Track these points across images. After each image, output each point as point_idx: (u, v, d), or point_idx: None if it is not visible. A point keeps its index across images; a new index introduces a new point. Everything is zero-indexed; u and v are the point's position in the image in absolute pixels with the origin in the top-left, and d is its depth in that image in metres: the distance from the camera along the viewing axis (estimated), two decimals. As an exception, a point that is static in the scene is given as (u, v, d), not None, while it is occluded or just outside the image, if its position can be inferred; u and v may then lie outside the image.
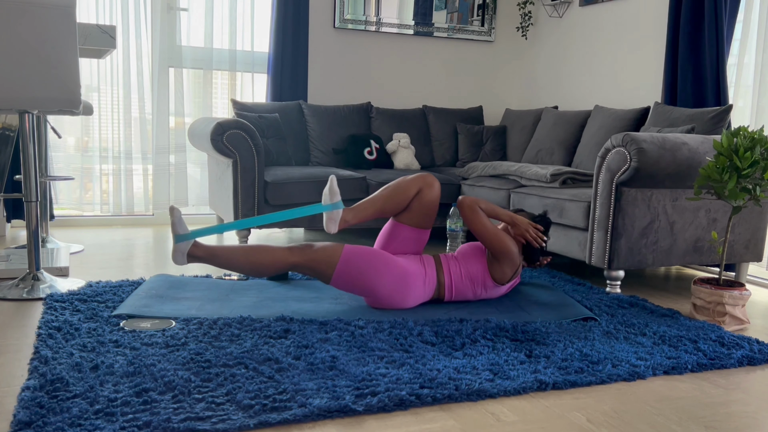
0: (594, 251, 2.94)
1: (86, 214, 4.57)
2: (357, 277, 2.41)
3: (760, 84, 3.42)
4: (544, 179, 3.38)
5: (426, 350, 2.06)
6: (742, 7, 3.44)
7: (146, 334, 2.13)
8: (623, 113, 3.72)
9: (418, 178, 2.57)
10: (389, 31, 4.77)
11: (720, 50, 3.38)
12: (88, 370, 1.81)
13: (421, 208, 2.56)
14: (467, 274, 2.57)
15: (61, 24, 2.47)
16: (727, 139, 2.47)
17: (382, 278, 2.43)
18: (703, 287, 2.58)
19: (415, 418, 1.65)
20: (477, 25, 4.98)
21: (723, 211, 3.02)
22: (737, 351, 2.18)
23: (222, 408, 1.61)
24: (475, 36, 4.99)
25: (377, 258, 2.43)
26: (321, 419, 1.60)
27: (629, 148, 2.78)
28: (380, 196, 2.56)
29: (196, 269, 3.21)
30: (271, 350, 1.99)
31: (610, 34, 4.26)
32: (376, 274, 2.42)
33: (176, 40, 4.41)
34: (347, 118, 4.43)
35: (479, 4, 4.96)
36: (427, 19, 4.85)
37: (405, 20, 4.79)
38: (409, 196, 2.54)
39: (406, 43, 4.85)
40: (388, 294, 2.45)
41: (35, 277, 2.70)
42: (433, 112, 4.71)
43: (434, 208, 2.59)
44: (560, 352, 2.09)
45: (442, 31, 4.90)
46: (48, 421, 1.50)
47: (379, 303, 2.49)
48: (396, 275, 2.45)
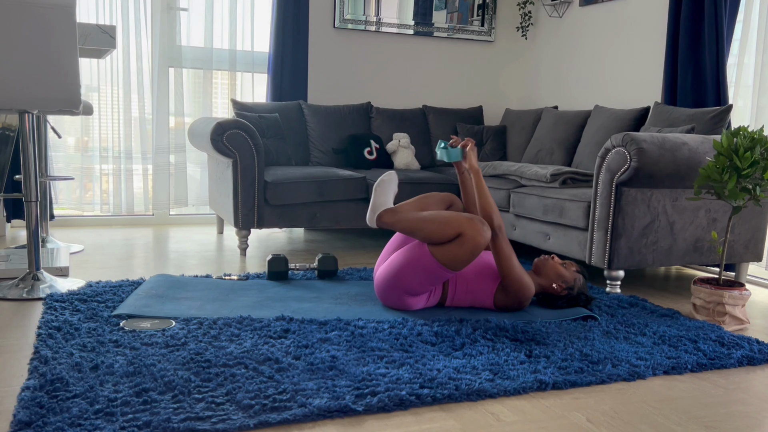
0: (594, 251, 2.94)
1: (86, 214, 4.57)
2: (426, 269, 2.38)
3: (760, 84, 3.42)
4: (544, 179, 3.38)
5: (426, 350, 2.06)
6: (742, 7, 3.44)
7: (146, 334, 2.13)
8: (623, 113, 3.72)
9: (468, 222, 2.32)
10: (389, 31, 4.77)
11: (720, 50, 3.38)
12: (88, 370, 1.81)
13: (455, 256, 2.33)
14: (473, 289, 2.54)
15: (62, 24, 2.47)
16: (727, 139, 2.47)
17: (416, 289, 2.44)
18: (703, 287, 2.58)
19: (415, 418, 1.65)
20: (477, 25, 4.98)
21: (723, 211, 3.02)
22: (737, 351, 2.18)
23: (222, 408, 1.61)
24: (475, 36, 4.99)
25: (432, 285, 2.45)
26: (321, 419, 1.60)
27: (629, 148, 2.78)
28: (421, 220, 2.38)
29: (196, 269, 3.21)
30: (270, 350, 1.99)
31: (610, 34, 4.26)
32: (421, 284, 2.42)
33: (176, 39, 4.41)
34: (347, 118, 4.43)
35: (479, 4, 4.96)
36: (427, 19, 4.85)
37: (405, 20, 4.79)
38: (449, 235, 2.33)
39: (406, 43, 4.85)
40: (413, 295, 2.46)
41: (35, 277, 2.70)
42: (433, 112, 4.71)
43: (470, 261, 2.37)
44: (560, 352, 2.09)
45: (442, 31, 4.90)
46: (48, 421, 1.50)
47: (394, 293, 2.47)
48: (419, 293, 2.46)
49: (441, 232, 2.33)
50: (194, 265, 3.31)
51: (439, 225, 2.34)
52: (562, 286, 2.56)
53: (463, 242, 2.31)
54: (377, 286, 2.53)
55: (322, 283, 2.92)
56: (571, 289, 2.56)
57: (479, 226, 2.33)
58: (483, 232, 2.32)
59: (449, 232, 2.32)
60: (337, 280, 3.02)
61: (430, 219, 2.37)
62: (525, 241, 3.47)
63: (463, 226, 2.32)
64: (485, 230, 2.33)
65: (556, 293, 2.56)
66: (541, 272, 2.60)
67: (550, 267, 2.59)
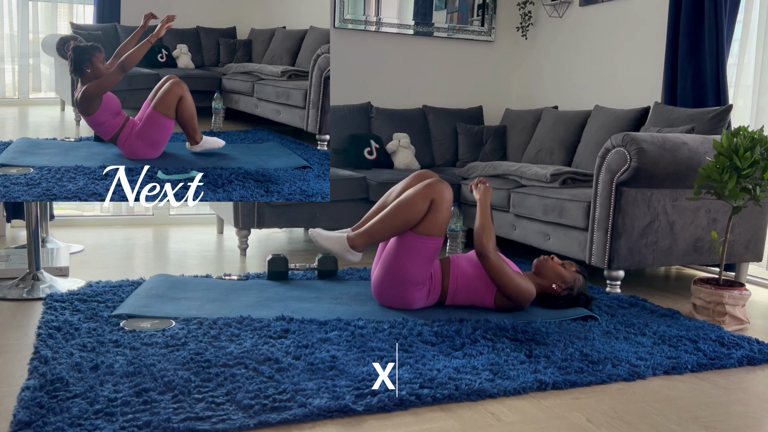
0: (594, 251, 2.94)
1: (86, 214, 4.57)
2: (415, 256, 2.40)
3: (760, 84, 3.42)
4: (544, 179, 3.38)
5: (426, 350, 2.06)
6: (742, 7, 3.43)
7: (146, 334, 2.13)
8: (623, 113, 3.72)
9: (428, 189, 2.37)
10: (389, 31, 4.77)
11: (720, 50, 3.38)
12: (88, 370, 1.81)
13: (436, 222, 2.39)
14: (473, 288, 2.54)
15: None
16: (727, 139, 2.47)
17: (413, 279, 2.44)
18: (703, 287, 2.58)
19: (415, 418, 1.65)
20: (477, 25, 4.98)
21: (723, 211, 3.02)
22: (737, 351, 2.18)
23: (222, 408, 1.61)
24: (475, 36, 4.99)
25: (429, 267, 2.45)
26: (321, 419, 1.60)
27: (629, 148, 2.78)
28: (388, 216, 2.40)
29: (196, 269, 3.21)
30: (270, 350, 1.99)
31: (610, 34, 4.26)
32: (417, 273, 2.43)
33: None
34: (347, 117, 4.43)
35: (479, 4, 4.96)
36: (427, 19, 4.85)
37: (405, 20, 4.79)
38: (422, 211, 2.37)
39: (406, 43, 4.85)
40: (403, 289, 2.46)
41: (35, 277, 2.71)
42: (433, 112, 4.71)
43: (445, 219, 2.41)
44: (560, 352, 2.09)
45: (442, 31, 4.90)
46: (48, 421, 1.50)
47: (392, 292, 2.48)
48: (418, 287, 2.46)
49: (414, 213, 2.37)
50: (194, 265, 3.31)
51: (409, 208, 2.38)
52: (562, 286, 2.56)
53: (437, 206, 2.37)
54: (376, 288, 2.53)
55: (322, 283, 2.92)
56: (570, 289, 2.56)
57: (439, 185, 2.39)
58: (445, 186, 2.40)
59: (422, 208, 2.37)
60: (337, 280, 3.02)
61: (397, 210, 2.39)
62: (525, 241, 3.48)
63: (429, 194, 2.37)
64: (444, 184, 2.40)
65: (556, 294, 2.56)
66: (541, 273, 2.60)
67: (550, 267, 2.59)
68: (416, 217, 2.37)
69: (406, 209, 2.38)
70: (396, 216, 2.39)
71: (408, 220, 2.38)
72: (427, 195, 2.37)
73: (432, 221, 2.38)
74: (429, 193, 2.37)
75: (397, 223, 2.39)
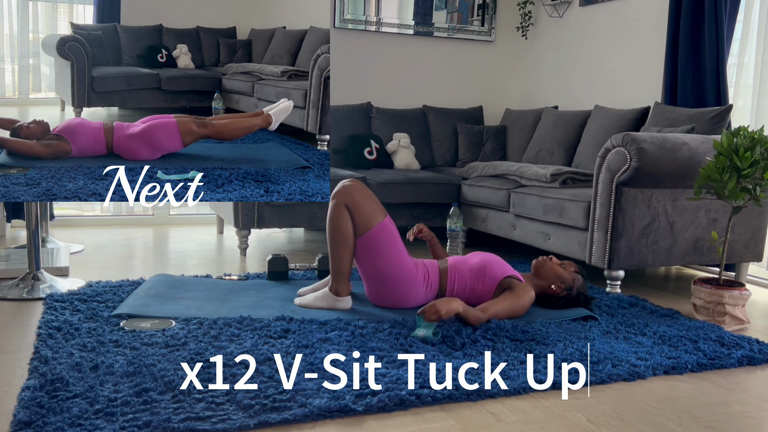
0: (594, 251, 2.94)
1: (86, 214, 4.57)
2: (378, 251, 2.42)
3: (760, 84, 3.42)
4: (544, 179, 3.38)
5: (426, 350, 2.06)
6: (742, 7, 3.43)
7: (146, 334, 2.13)
8: (623, 113, 3.72)
9: (335, 202, 2.43)
10: (389, 31, 4.77)
11: (720, 50, 3.38)
12: (88, 370, 1.80)
13: (365, 215, 2.42)
14: (471, 288, 2.53)
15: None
16: (727, 139, 2.47)
17: (395, 269, 2.45)
18: (703, 287, 2.58)
19: (415, 418, 1.65)
20: (477, 25, 4.98)
21: (723, 211, 3.02)
22: (737, 351, 2.18)
23: (222, 408, 1.61)
24: (475, 36, 4.99)
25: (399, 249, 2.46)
26: (321, 419, 1.60)
27: (629, 148, 2.78)
28: (333, 247, 2.46)
29: (196, 269, 3.21)
30: (270, 350, 1.99)
31: (610, 34, 4.26)
32: (391, 261, 2.44)
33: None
34: (347, 117, 4.43)
35: (479, 4, 4.96)
36: (427, 19, 4.85)
37: (405, 20, 4.79)
38: (347, 218, 2.41)
39: (406, 43, 4.85)
40: (392, 285, 2.46)
41: (35, 277, 2.71)
42: (433, 111, 4.71)
43: (370, 205, 2.45)
44: (560, 352, 2.09)
45: (442, 31, 4.90)
46: (48, 421, 1.50)
47: (382, 292, 2.49)
48: (406, 275, 2.47)
49: (345, 226, 2.42)
50: (194, 265, 3.31)
51: (338, 227, 2.42)
52: (561, 287, 2.56)
53: (354, 204, 2.41)
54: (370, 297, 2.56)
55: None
56: (570, 289, 2.56)
57: (339, 190, 2.44)
58: (343, 186, 2.45)
59: (345, 217, 2.41)
60: (337, 280, 3.01)
61: (333, 236, 2.44)
62: (525, 241, 3.48)
63: (339, 203, 2.41)
64: (341, 185, 2.45)
65: (556, 294, 2.56)
66: (540, 273, 2.60)
67: (549, 268, 2.58)
68: (349, 227, 2.42)
69: (337, 230, 2.43)
70: (336, 241, 2.44)
71: (346, 234, 2.42)
72: (338, 205, 2.42)
73: (361, 218, 2.42)
74: (339, 203, 2.42)
75: (341, 246, 2.44)
